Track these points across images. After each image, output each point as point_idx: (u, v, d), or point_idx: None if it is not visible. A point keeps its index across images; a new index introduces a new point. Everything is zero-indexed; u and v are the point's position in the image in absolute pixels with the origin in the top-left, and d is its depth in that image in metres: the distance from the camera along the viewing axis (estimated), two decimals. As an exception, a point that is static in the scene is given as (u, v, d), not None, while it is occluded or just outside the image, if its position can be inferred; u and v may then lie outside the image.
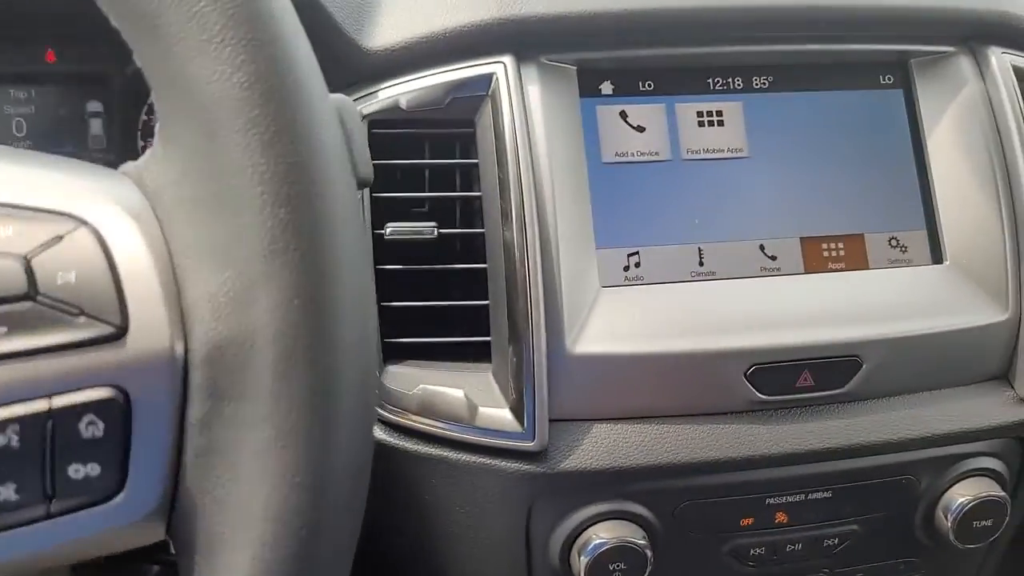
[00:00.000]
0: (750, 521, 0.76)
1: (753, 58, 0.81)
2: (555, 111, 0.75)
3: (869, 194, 0.81)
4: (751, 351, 0.72)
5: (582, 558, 0.72)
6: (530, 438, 0.70)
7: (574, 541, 0.73)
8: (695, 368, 0.72)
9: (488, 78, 0.73)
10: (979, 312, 0.78)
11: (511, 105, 0.73)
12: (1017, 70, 0.83)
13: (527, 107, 0.74)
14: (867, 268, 0.80)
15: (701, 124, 0.80)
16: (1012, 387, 0.79)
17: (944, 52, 0.83)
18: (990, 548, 0.88)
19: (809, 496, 0.77)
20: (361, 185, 0.43)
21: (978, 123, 0.81)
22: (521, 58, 0.75)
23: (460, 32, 0.73)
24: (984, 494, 0.78)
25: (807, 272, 0.79)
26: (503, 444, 0.70)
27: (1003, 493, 0.78)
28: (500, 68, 0.73)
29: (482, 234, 0.74)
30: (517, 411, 0.70)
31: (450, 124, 0.76)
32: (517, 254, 0.70)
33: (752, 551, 0.78)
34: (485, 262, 0.73)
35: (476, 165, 0.75)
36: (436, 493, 0.76)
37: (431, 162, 0.75)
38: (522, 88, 0.74)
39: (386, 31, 0.74)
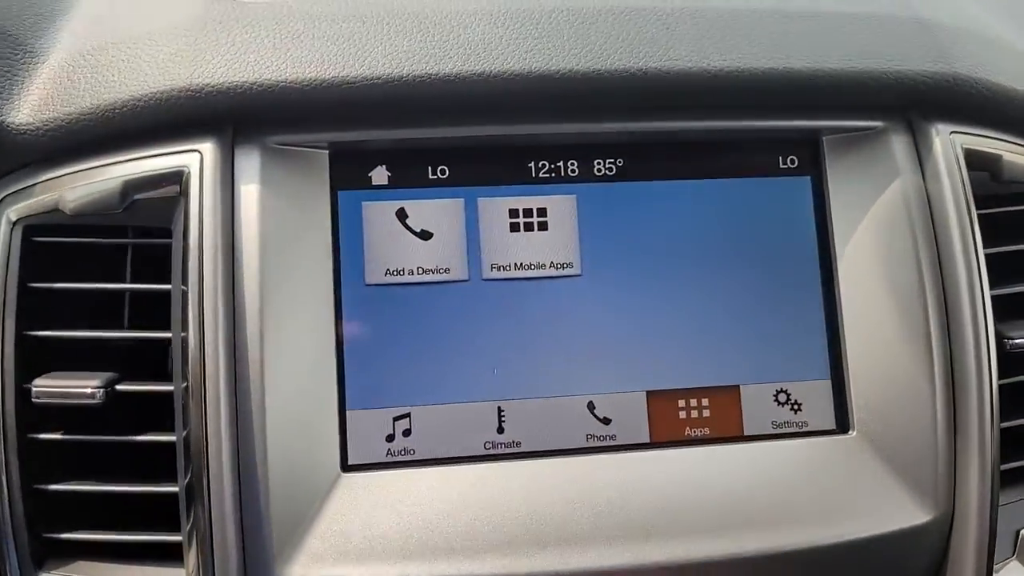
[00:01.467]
0: None
1: (595, 136, 0.58)
2: (289, 213, 0.53)
3: (751, 328, 0.58)
4: (542, 577, 0.51)
5: None
6: None
7: None
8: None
9: (178, 174, 0.52)
10: (892, 510, 0.55)
11: (216, 208, 0.50)
12: (970, 156, 0.59)
13: (239, 210, 0.52)
14: (741, 438, 0.58)
15: (515, 228, 0.57)
16: (942, 612, 0.58)
17: (868, 128, 0.59)
18: None
19: None
20: None
21: (909, 229, 0.57)
22: (239, 140, 0.53)
23: (139, 107, 0.51)
24: None
25: (653, 445, 0.56)
26: None
27: None
28: (195, 159, 0.51)
29: (171, 392, 0.52)
30: (201, 657, 0.50)
31: (133, 232, 0.55)
32: (205, 426, 0.49)
33: None
34: (175, 430, 0.52)
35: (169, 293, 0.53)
36: None
37: (103, 286, 0.53)
38: (233, 184, 0.52)
39: (36, 103, 0.52)
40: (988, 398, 0.56)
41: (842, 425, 0.57)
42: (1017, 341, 0.59)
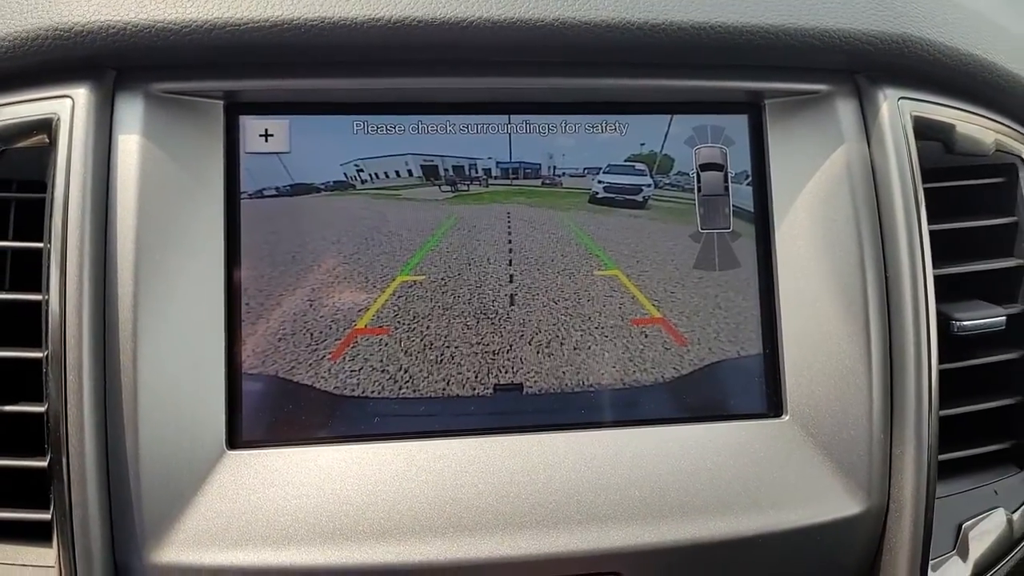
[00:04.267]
0: None
1: (515, 94, 0.53)
2: (176, 169, 0.48)
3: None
4: (441, 567, 0.46)
5: None
6: None
7: None
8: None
9: (47, 122, 0.47)
10: (826, 499, 0.51)
11: (87, 160, 0.46)
12: (920, 123, 0.55)
13: (116, 163, 0.47)
14: (669, 419, 0.52)
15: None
16: (873, 605, 0.55)
17: (813, 92, 0.55)
18: None
19: None
20: None
21: (852, 202, 0.53)
22: (120, 86, 0.48)
23: (4, 48, 0.45)
24: None
25: (570, 425, 0.52)
26: None
27: None
28: (66, 106, 0.46)
29: (41, 360, 0.47)
30: (66, 645, 0.46)
31: (17, 186, 0.51)
32: (65, 397, 0.45)
33: None
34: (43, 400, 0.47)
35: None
36: None
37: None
38: (112, 134, 0.48)
39: None
40: (927, 383, 0.52)
41: (775, 408, 0.54)
42: (965, 323, 0.56)
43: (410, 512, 0.47)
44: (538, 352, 0.52)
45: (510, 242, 0.52)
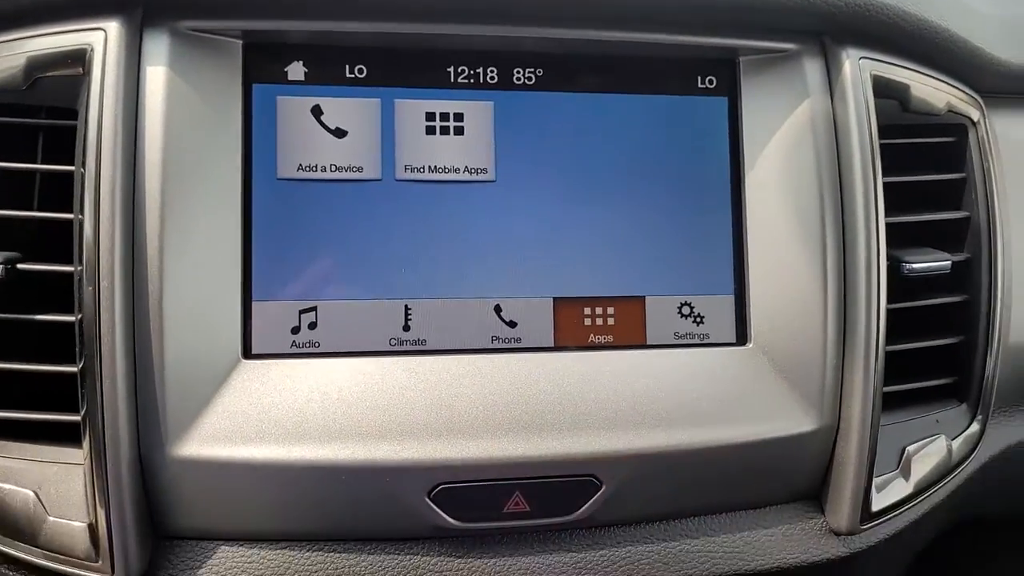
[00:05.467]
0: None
1: (516, 43, 0.58)
2: (198, 101, 0.53)
3: (659, 242, 0.59)
4: (436, 466, 0.52)
5: None
6: (108, 568, 0.50)
7: None
8: (358, 484, 0.52)
9: (82, 53, 0.51)
10: (783, 417, 0.57)
11: (118, 90, 0.51)
12: (879, 82, 0.60)
13: (144, 93, 0.51)
14: (644, 345, 0.59)
15: (431, 131, 0.57)
16: (822, 511, 0.61)
17: (783, 50, 0.60)
18: None
19: (523, 648, 0.59)
20: None
21: (815, 152, 0.58)
22: (147, 22, 0.52)
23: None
24: (767, 651, 0.60)
25: (557, 348, 0.58)
26: (73, 572, 0.51)
27: (791, 652, 0.60)
28: (99, 37, 0.50)
29: (72, 273, 0.51)
30: (94, 528, 0.51)
31: (46, 112, 0.55)
32: (98, 308, 0.49)
33: None
34: (75, 312, 0.51)
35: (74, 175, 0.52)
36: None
37: (7, 165, 0.52)
38: (140, 67, 0.52)
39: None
40: (875, 319, 0.58)
41: (741, 338, 0.59)
42: (914, 265, 0.62)
43: (409, 417, 0.52)
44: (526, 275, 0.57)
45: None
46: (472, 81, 0.58)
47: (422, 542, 0.54)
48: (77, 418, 0.51)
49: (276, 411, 0.52)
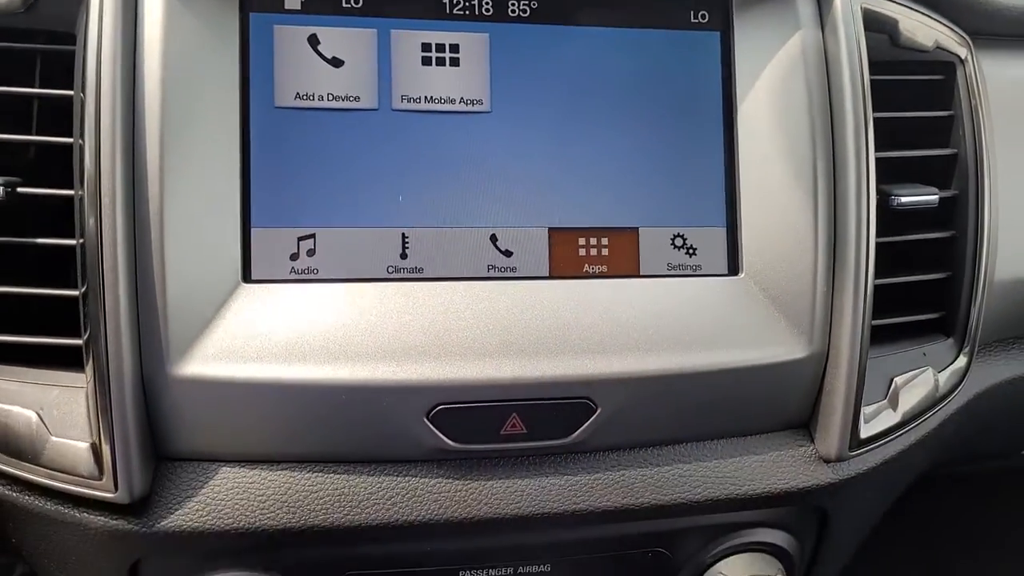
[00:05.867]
0: (438, 599, 0.60)
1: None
2: (197, 29, 0.53)
3: (653, 175, 0.60)
4: (434, 386, 0.53)
5: (195, 642, 0.55)
6: (111, 486, 0.51)
7: (192, 618, 0.56)
8: (357, 404, 0.53)
9: (81, -28, 0.51)
10: (774, 344, 0.58)
11: (116, 15, 0.51)
12: (868, 15, 0.61)
13: (143, 18, 0.51)
14: (637, 275, 0.60)
15: (427, 62, 0.57)
16: (812, 440, 0.62)
17: (776, -17, 0.62)
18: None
19: (519, 570, 0.59)
20: None
21: (805, 87, 0.59)
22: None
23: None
24: None
25: (552, 277, 0.59)
26: (76, 491, 0.52)
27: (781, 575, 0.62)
28: (97, -42, 0.51)
29: (72, 197, 0.52)
30: (97, 448, 0.52)
31: (45, 37, 0.55)
32: (100, 232, 0.49)
33: (445, 632, 0.62)
34: (76, 236, 0.52)
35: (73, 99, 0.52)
36: (22, 543, 0.58)
37: (6, 90, 0.53)
38: (139, -9, 0.52)
39: None
40: (864, 251, 0.59)
41: (733, 268, 0.60)
42: (902, 199, 0.63)
43: (407, 339, 0.53)
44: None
45: None
46: (467, 12, 0.58)
47: (420, 464, 0.55)
48: (79, 342, 0.52)
49: (276, 333, 0.53)
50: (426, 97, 0.58)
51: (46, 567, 0.57)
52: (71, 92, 0.52)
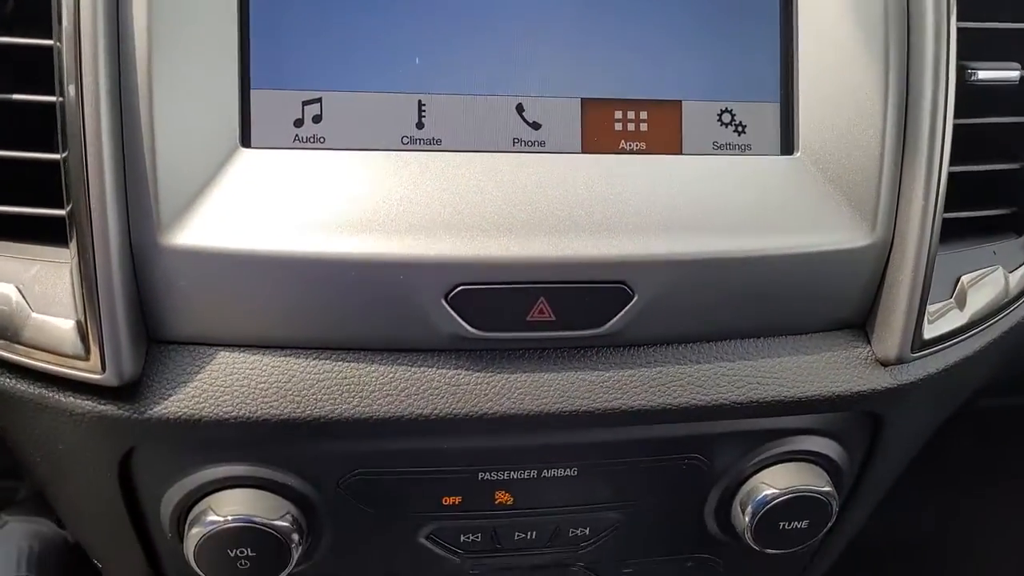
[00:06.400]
0: (456, 500, 0.54)
1: None
2: None
3: (699, 41, 0.53)
4: (455, 264, 0.47)
5: (191, 534, 0.51)
6: (98, 366, 0.47)
7: (188, 512, 0.52)
8: (368, 282, 0.47)
9: None
10: (833, 230, 0.52)
11: None
12: None
13: None
14: (679, 153, 0.54)
15: (448, -96, 0.52)
16: (868, 341, 0.56)
17: None
18: (819, 551, 0.67)
19: (544, 473, 0.55)
20: None
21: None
22: None
23: None
24: (801, 487, 0.56)
25: (585, 152, 0.52)
26: (60, 371, 0.48)
27: (828, 488, 0.57)
28: None
29: (52, 49, 0.46)
30: (83, 325, 0.47)
31: None
32: (80, 89, 0.44)
33: (463, 537, 0.57)
34: (55, 92, 0.46)
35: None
36: (5, 434, 0.54)
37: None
38: None
39: None
40: (941, 130, 0.52)
41: (787, 148, 0.54)
42: (980, 75, 0.56)
43: (425, 212, 0.48)
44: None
45: None
46: None
47: (438, 354, 0.50)
48: (63, 212, 0.47)
49: (279, 201, 0.47)
50: (447, -55, 0.51)
51: (32, 460, 0.53)
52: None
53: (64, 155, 0.46)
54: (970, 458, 1.00)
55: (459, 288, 0.48)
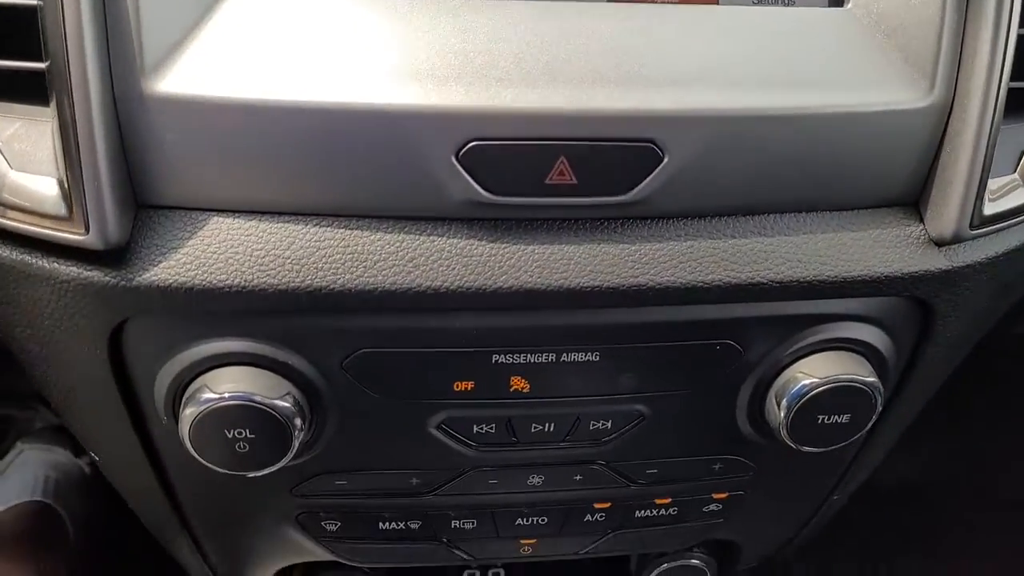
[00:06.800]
0: (468, 386, 0.51)
1: None
2: None
3: None
4: (466, 115, 0.43)
5: (185, 414, 0.48)
6: (81, 227, 0.43)
7: (184, 390, 0.49)
8: (371, 137, 0.43)
9: None
10: (887, 87, 0.47)
11: None
12: None
13: None
14: (716, 3, 0.49)
15: None
16: (921, 220, 0.51)
17: None
18: (857, 459, 0.63)
19: (563, 358, 0.51)
20: None
21: None
22: None
23: None
24: (844, 376, 0.52)
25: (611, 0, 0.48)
26: (40, 232, 0.44)
27: (872, 379, 0.52)
28: None
29: None
30: (65, 184, 0.43)
31: None
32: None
33: (476, 428, 0.54)
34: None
35: None
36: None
37: None
38: None
39: None
40: None
41: (837, 0, 0.49)
42: (1060, -82, 0.50)
43: (434, 57, 0.43)
44: None
45: None
46: None
47: (448, 222, 0.46)
48: (42, 65, 0.44)
49: (272, 46, 0.43)
50: None
51: (16, 336, 0.50)
52: None
53: (40, 1, 0.42)
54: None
55: (471, 144, 0.43)
